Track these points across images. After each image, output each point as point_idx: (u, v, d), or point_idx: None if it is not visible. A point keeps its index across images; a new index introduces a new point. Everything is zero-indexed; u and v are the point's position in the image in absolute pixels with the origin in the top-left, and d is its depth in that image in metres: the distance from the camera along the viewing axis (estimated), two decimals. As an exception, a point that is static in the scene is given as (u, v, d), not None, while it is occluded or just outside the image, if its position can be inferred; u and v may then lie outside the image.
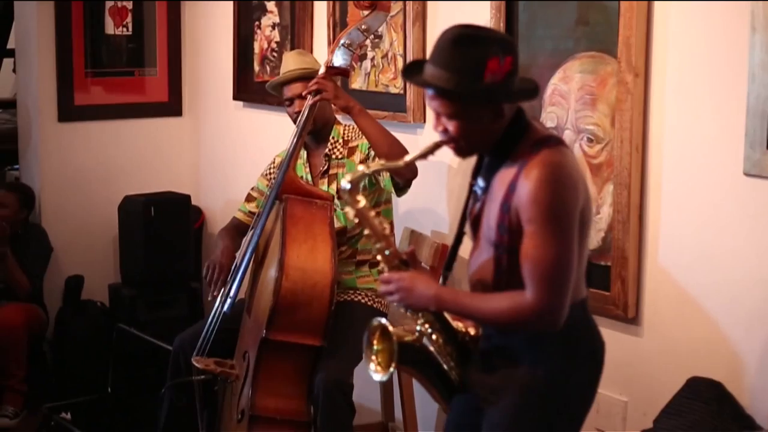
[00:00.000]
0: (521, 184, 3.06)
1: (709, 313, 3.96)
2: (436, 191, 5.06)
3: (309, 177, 4.76)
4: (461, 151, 3.23)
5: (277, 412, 4.31)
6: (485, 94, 3.08)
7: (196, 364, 4.47)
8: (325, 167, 4.74)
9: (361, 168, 3.35)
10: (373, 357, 3.34)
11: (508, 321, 3.13)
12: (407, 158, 3.40)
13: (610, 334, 4.22)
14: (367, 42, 4.51)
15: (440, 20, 4.98)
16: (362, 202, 3.30)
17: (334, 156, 4.73)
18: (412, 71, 3.23)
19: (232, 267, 4.62)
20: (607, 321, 4.21)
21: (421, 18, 5.06)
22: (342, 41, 4.46)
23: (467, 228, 3.37)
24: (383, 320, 3.32)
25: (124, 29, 6.77)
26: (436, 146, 3.24)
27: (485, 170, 3.24)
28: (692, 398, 3.79)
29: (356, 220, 3.32)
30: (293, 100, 4.70)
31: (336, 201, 4.62)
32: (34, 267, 6.29)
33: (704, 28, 3.93)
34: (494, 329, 3.28)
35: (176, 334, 4.94)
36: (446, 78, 3.07)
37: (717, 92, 3.89)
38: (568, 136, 4.35)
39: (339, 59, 4.48)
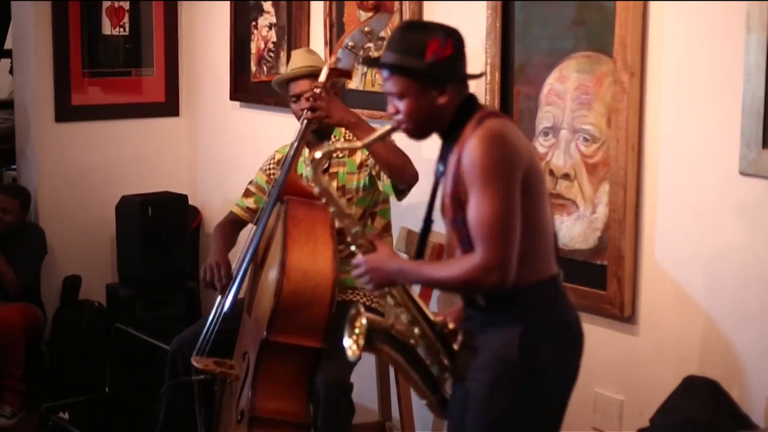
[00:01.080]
0: (464, 154, 3.22)
1: (705, 311, 3.97)
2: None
3: (311, 175, 4.77)
4: (412, 133, 3.43)
5: (277, 414, 4.31)
6: (425, 69, 3.29)
7: (196, 364, 4.46)
8: (326, 165, 4.74)
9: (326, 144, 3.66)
10: (354, 336, 3.44)
11: (462, 283, 3.25)
12: (365, 140, 3.65)
13: (607, 333, 4.24)
14: (370, 44, 4.51)
15: (436, 19, 4.96)
16: (326, 178, 3.48)
17: (335, 154, 4.73)
18: (367, 59, 3.60)
19: (232, 267, 4.62)
20: (603, 320, 4.22)
21: (418, 17, 5.06)
22: (345, 43, 4.46)
23: (441, 214, 3.46)
24: (361, 308, 3.44)
25: (121, 29, 6.78)
26: (392, 129, 3.46)
27: (441, 154, 3.40)
28: (688, 397, 3.79)
29: (323, 199, 3.53)
30: (299, 97, 4.70)
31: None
32: (25, 262, 6.29)
33: (700, 27, 3.93)
34: (474, 310, 3.37)
35: (173, 333, 4.93)
36: (393, 57, 3.34)
37: (713, 92, 3.90)
38: (564, 135, 4.36)
39: (342, 61, 4.48)
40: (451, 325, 3.43)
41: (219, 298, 4.61)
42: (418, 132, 3.41)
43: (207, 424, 4.64)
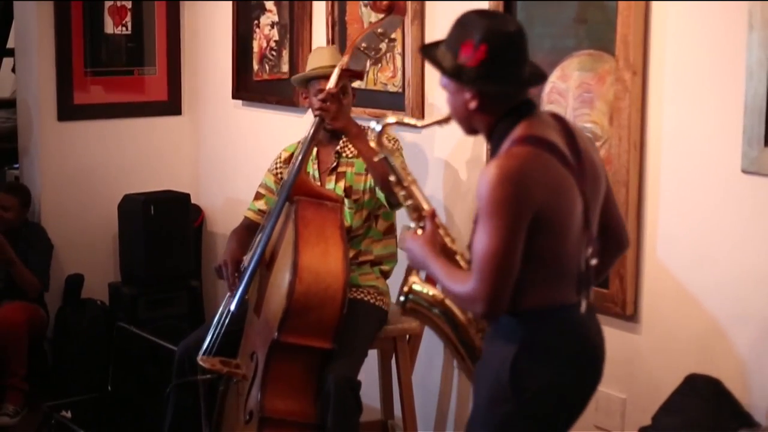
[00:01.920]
0: (480, 179, 3.14)
1: (708, 310, 3.97)
2: (436, 190, 5.07)
3: (316, 173, 4.77)
4: (460, 126, 3.37)
5: (286, 414, 4.30)
6: (455, 72, 3.20)
7: (202, 364, 4.45)
8: (334, 164, 4.75)
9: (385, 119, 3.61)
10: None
11: (458, 299, 3.28)
12: (426, 121, 3.64)
13: (609, 332, 4.21)
14: (383, 45, 4.50)
15: (439, 19, 4.98)
16: (389, 145, 3.46)
17: (344, 154, 4.73)
18: (425, 47, 3.45)
19: (241, 266, 4.62)
20: (605, 318, 4.20)
21: (420, 17, 5.06)
22: (358, 44, 4.45)
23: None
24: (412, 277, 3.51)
25: (124, 28, 6.78)
26: (446, 118, 3.43)
27: (488, 160, 3.38)
28: (690, 395, 3.80)
29: (386, 161, 3.58)
30: (321, 92, 4.68)
31: (345, 201, 4.63)
32: (41, 265, 6.31)
33: (702, 26, 3.93)
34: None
35: (176, 332, 4.93)
36: (437, 50, 3.27)
37: (715, 90, 3.90)
38: (566, 134, 4.36)
39: (354, 62, 4.48)
40: None
41: (226, 297, 4.61)
42: (461, 127, 3.36)
43: (212, 424, 4.64)
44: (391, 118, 3.59)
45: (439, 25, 4.98)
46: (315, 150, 4.80)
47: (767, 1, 3.66)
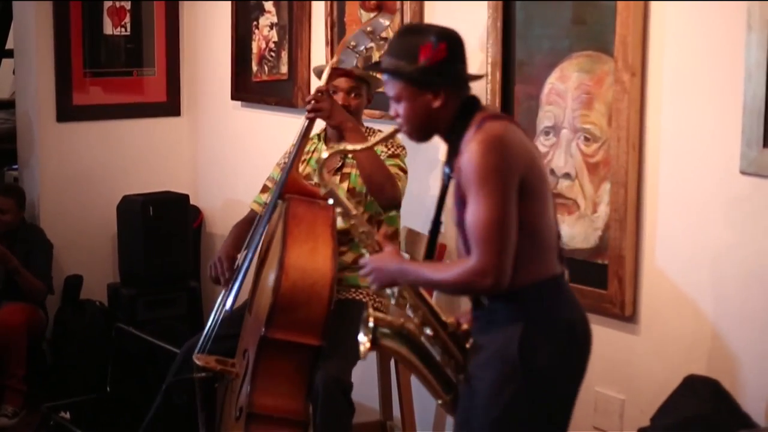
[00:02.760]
0: (462, 159, 3.24)
1: (706, 311, 3.97)
2: (435, 191, 5.07)
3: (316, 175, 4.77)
4: (412, 135, 3.46)
5: (274, 411, 4.31)
6: (416, 74, 3.30)
7: (197, 362, 4.47)
8: (340, 164, 4.75)
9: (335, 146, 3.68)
10: (369, 335, 3.44)
11: (457, 285, 3.29)
12: (366, 144, 3.75)
13: (607, 333, 4.24)
14: (372, 44, 4.52)
15: (438, 20, 4.97)
16: (335, 180, 3.51)
17: (350, 155, 4.74)
18: (371, 65, 3.58)
19: (235, 264, 4.63)
20: (604, 319, 4.22)
21: (419, 18, 5.06)
22: (348, 43, 4.47)
23: (450, 216, 3.46)
24: (370, 308, 3.50)
25: (123, 29, 6.78)
26: (394, 131, 3.53)
27: (447, 157, 3.40)
28: (689, 396, 3.79)
29: (330, 200, 3.60)
30: (337, 91, 4.70)
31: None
32: (42, 266, 6.31)
33: (701, 27, 3.94)
34: (480, 310, 3.38)
35: (175, 333, 4.93)
36: (388, 61, 3.38)
37: (713, 91, 3.90)
38: (565, 135, 4.36)
39: (344, 61, 4.49)
40: (464, 326, 3.46)
41: (221, 295, 4.61)
42: (417, 134, 3.44)
43: (208, 423, 4.64)
44: (324, 153, 3.60)
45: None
46: (323, 148, 4.81)
47: (766, 2, 3.65)
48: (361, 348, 3.44)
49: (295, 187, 4.48)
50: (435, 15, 5.01)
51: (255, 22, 6.29)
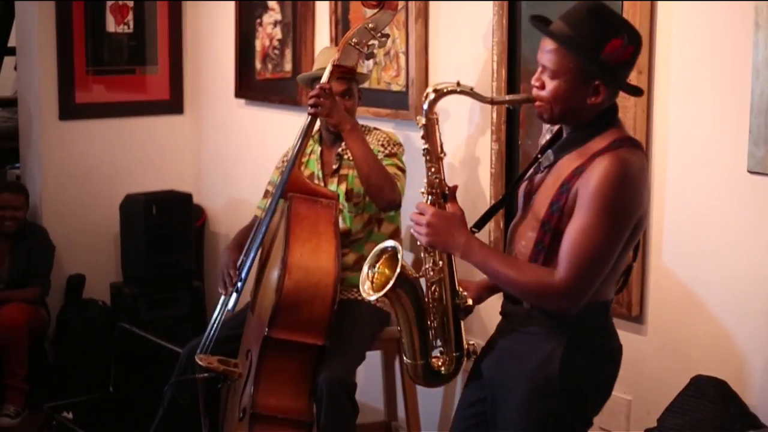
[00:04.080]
0: (591, 169, 3.08)
1: (713, 311, 3.95)
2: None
3: (320, 173, 4.76)
4: (544, 113, 3.25)
5: (278, 411, 4.30)
6: (595, 66, 3.12)
7: (200, 362, 4.46)
8: (337, 166, 4.73)
9: (446, 83, 3.35)
10: (370, 276, 3.38)
11: (528, 291, 3.17)
12: (496, 97, 3.47)
13: (614, 333, 4.21)
14: (374, 41, 4.50)
15: (442, 18, 4.97)
16: (437, 116, 3.33)
17: (346, 156, 4.71)
18: (538, 20, 3.28)
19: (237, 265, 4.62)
20: (610, 319, 4.20)
21: (424, 15, 5.05)
22: (349, 40, 4.45)
23: (519, 198, 3.39)
24: (397, 246, 3.35)
25: (125, 27, 6.76)
26: (527, 99, 3.30)
27: (558, 147, 3.26)
28: (696, 397, 3.77)
29: (422, 130, 3.37)
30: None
31: (342, 201, 4.61)
32: (43, 269, 6.31)
33: (708, 25, 3.91)
34: (515, 310, 3.31)
35: (178, 332, 4.91)
36: (569, 33, 3.12)
37: (720, 90, 3.88)
38: (571, 133, 4.33)
39: (346, 58, 4.47)
40: (469, 301, 3.39)
41: (222, 296, 4.60)
42: (550, 115, 3.24)
43: (211, 423, 4.63)
44: (448, 86, 3.34)
45: (442, 23, 4.97)
46: (320, 151, 4.79)
47: (774, 0, 3.64)
48: (370, 297, 3.36)
49: (297, 185, 4.46)
50: (440, 13, 4.99)
51: (258, 20, 6.28)
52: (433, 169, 3.36)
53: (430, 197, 3.36)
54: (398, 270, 3.27)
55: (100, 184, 6.74)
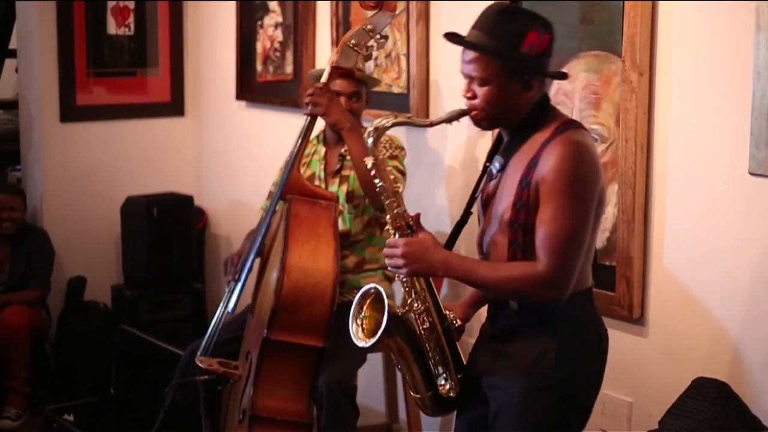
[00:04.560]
0: (544, 158, 3.13)
1: (715, 313, 3.94)
2: (439, 191, 5.05)
3: (323, 174, 4.75)
4: (482, 121, 3.28)
5: (278, 413, 4.30)
6: (520, 62, 3.18)
7: (200, 364, 4.46)
8: (338, 167, 4.73)
9: (385, 117, 3.40)
10: (359, 322, 3.38)
11: (516, 289, 3.18)
12: (434, 119, 3.43)
13: (615, 335, 4.20)
14: (373, 42, 4.49)
15: (443, 20, 4.96)
16: (383, 153, 3.37)
17: (347, 157, 4.71)
18: (452, 36, 3.32)
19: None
20: (612, 321, 4.19)
21: (425, 17, 5.04)
22: (348, 41, 4.45)
23: (476, 208, 3.41)
24: (379, 287, 3.34)
25: (126, 29, 6.76)
26: (462, 113, 3.31)
27: (504, 150, 3.29)
28: (698, 399, 3.77)
29: (372, 171, 3.38)
30: (339, 95, 4.68)
31: (342, 202, 4.61)
32: (42, 272, 6.30)
33: (709, 26, 3.91)
34: (502, 312, 3.32)
35: (179, 334, 4.90)
36: (486, 40, 3.19)
37: (722, 91, 3.87)
38: (572, 135, 4.33)
39: (344, 59, 4.47)
40: (458, 322, 3.41)
41: (224, 297, 4.60)
42: (488, 122, 3.29)
43: (212, 425, 4.63)
44: (387, 120, 3.39)
45: (443, 25, 4.96)
46: (323, 151, 4.79)
47: (775, 1, 3.64)
48: (358, 342, 3.37)
49: (296, 187, 4.46)
50: (441, 14, 4.99)
51: (259, 22, 6.27)
52: (393, 205, 3.40)
53: (397, 232, 3.39)
54: (386, 314, 3.25)
55: (101, 186, 6.74)
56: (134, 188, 6.64)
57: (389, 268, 3.34)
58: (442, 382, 3.39)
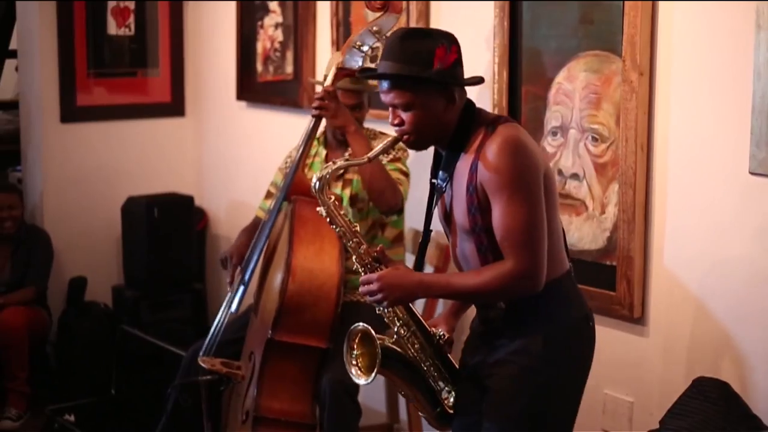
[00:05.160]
0: (483, 159, 3.19)
1: (715, 312, 3.94)
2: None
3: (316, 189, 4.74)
4: (416, 144, 3.36)
5: (281, 414, 4.30)
6: (436, 78, 3.22)
7: (203, 364, 4.46)
8: (342, 171, 4.73)
9: (326, 165, 3.48)
10: (354, 361, 3.41)
11: (494, 290, 3.23)
12: (370, 154, 3.48)
13: (616, 335, 4.22)
14: (379, 44, 4.50)
15: (444, 20, 4.96)
16: (332, 198, 3.45)
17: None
18: (365, 70, 3.45)
19: (243, 262, 4.61)
20: (612, 321, 4.20)
21: (425, 18, 5.05)
22: (353, 42, 4.45)
23: (440, 225, 3.46)
24: (365, 325, 3.38)
25: (127, 29, 6.76)
26: (395, 141, 3.39)
27: (445, 164, 3.35)
28: (699, 398, 3.77)
29: (327, 219, 3.46)
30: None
31: (346, 206, 4.61)
32: (41, 274, 6.30)
33: (709, 26, 3.91)
34: (490, 310, 3.36)
35: (180, 335, 4.90)
36: (398, 68, 3.23)
37: (722, 91, 3.87)
38: (572, 135, 4.33)
39: (350, 61, 4.47)
40: (446, 335, 3.46)
41: (227, 297, 4.60)
42: (422, 142, 3.36)
43: (214, 426, 4.63)
44: (329, 167, 3.46)
45: (443, 25, 4.96)
46: (325, 154, 4.79)
47: (776, 1, 3.63)
48: (359, 381, 3.42)
49: (301, 187, 4.46)
50: (441, 15, 4.99)
51: (260, 22, 6.27)
52: (355, 245, 3.43)
53: (366, 270, 3.41)
54: (378, 350, 3.31)
55: (101, 186, 6.74)
56: (135, 188, 6.64)
57: (370, 304, 3.38)
58: (445, 395, 3.45)
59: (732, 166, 3.83)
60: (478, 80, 3.36)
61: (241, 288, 4.52)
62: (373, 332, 3.34)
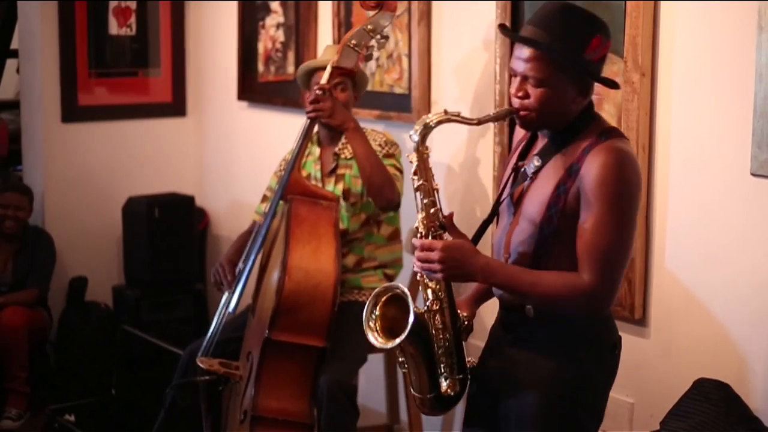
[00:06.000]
0: (587, 167, 3.03)
1: (716, 314, 3.94)
2: (441, 192, 5.04)
3: (319, 174, 4.75)
4: (531, 123, 3.16)
5: (279, 413, 4.30)
6: (583, 67, 3.07)
7: (201, 365, 4.47)
8: (333, 166, 4.73)
9: (435, 114, 3.19)
10: (372, 324, 3.23)
11: (559, 300, 3.07)
12: (481, 117, 3.23)
13: (617, 336, 4.20)
14: (374, 42, 4.49)
15: (445, 20, 4.96)
16: (428, 149, 3.18)
17: (342, 156, 4.71)
18: (510, 30, 3.17)
19: (237, 268, 4.61)
20: (613, 322, 4.19)
21: (426, 17, 5.04)
22: (348, 41, 4.45)
23: (504, 206, 3.29)
24: (402, 287, 3.18)
25: (128, 29, 6.76)
26: (510, 112, 3.18)
27: (543, 151, 3.18)
28: (699, 400, 3.77)
29: (414, 168, 3.19)
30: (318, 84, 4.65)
31: (342, 202, 4.61)
32: (42, 275, 6.30)
33: (711, 27, 3.91)
34: (516, 318, 3.22)
35: (180, 335, 4.89)
36: (549, 40, 3.04)
37: (724, 92, 3.87)
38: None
39: (345, 59, 4.47)
40: (466, 322, 3.32)
41: (224, 297, 4.60)
42: (537, 123, 3.16)
43: (212, 425, 4.63)
44: (435, 117, 3.17)
45: (445, 25, 4.96)
46: (318, 151, 4.79)
47: (777, 2, 3.63)
48: (383, 345, 3.20)
49: (297, 187, 4.47)
50: (442, 14, 4.99)
51: (261, 22, 6.27)
52: (429, 204, 3.20)
53: (430, 233, 3.18)
54: (411, 316, 3.11)
55: (102, 186, 6.74)
56: (136, 188, 6.64)
57: (419, 272, 3.16)
58: (442, 381, 3.27)
59: (733, 167, 3.82)
60: (614, 84, 3.21)
61: (239, 289, 4.52)
62: (410, 298, 3.13)
